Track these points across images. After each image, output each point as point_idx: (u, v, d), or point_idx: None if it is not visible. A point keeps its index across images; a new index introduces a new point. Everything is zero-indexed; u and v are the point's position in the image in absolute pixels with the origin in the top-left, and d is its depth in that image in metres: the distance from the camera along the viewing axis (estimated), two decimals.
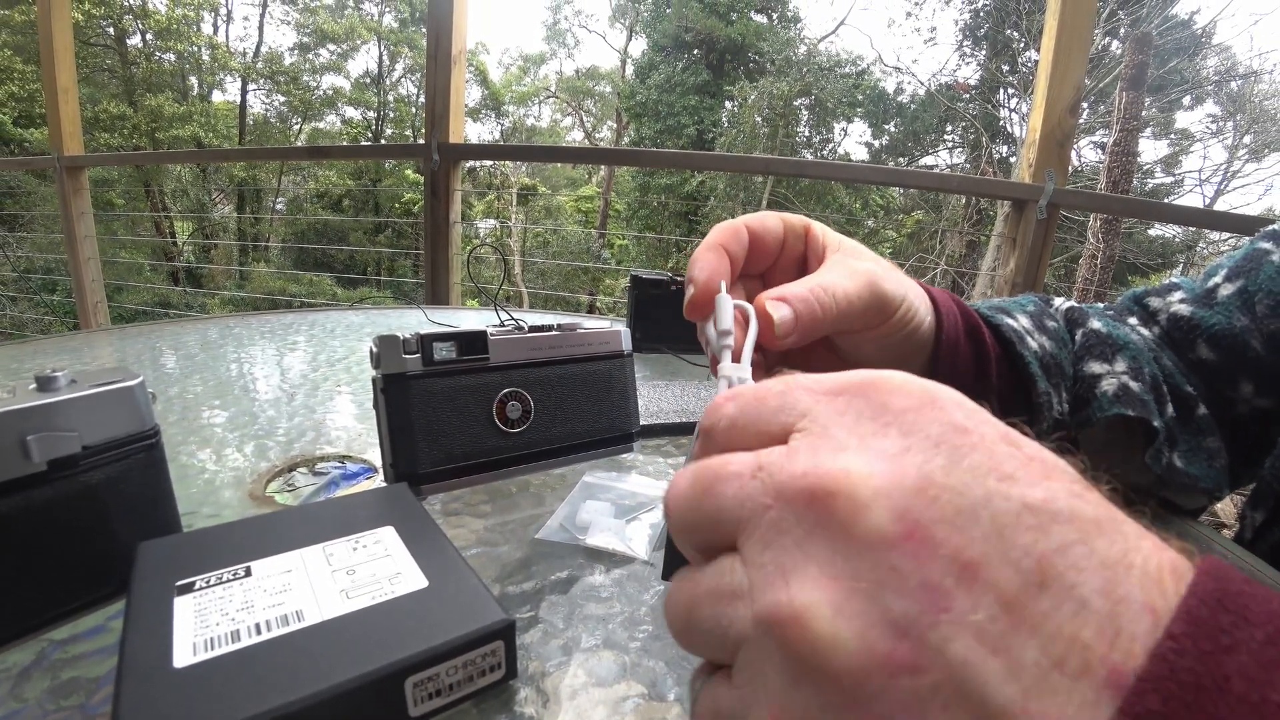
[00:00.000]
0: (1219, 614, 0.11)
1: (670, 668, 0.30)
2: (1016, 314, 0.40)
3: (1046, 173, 1.55)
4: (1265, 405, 0.42)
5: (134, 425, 0.31)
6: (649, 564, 0.38)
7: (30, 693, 0.27)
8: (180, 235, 11.02)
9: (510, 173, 11.48)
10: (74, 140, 2.33)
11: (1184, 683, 0.10)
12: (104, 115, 9.15)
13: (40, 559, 0.28)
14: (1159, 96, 8.74)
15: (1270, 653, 0.11)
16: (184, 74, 11.11)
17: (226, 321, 0.93)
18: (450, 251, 1.94)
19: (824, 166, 2.47)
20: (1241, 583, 0.12)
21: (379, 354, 0.39)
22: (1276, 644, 0.11)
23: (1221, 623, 0.11)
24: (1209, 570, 0.12)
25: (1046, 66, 1.55)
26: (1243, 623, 0.11)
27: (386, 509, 0.35)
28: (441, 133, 1.85)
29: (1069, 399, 0.39)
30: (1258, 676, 0.10)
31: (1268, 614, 0.11)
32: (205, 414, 0.58)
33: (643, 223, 11.58)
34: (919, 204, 9.90)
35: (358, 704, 0.24)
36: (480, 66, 13.68)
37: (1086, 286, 4.84)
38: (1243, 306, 0.42)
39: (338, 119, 13.21)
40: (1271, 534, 0.40)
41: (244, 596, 0.27)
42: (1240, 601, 0.11)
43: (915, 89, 11.10)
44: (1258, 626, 0.11)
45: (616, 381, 0.47)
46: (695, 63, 11.42)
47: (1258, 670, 0.10)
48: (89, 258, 2.42)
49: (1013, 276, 1.65)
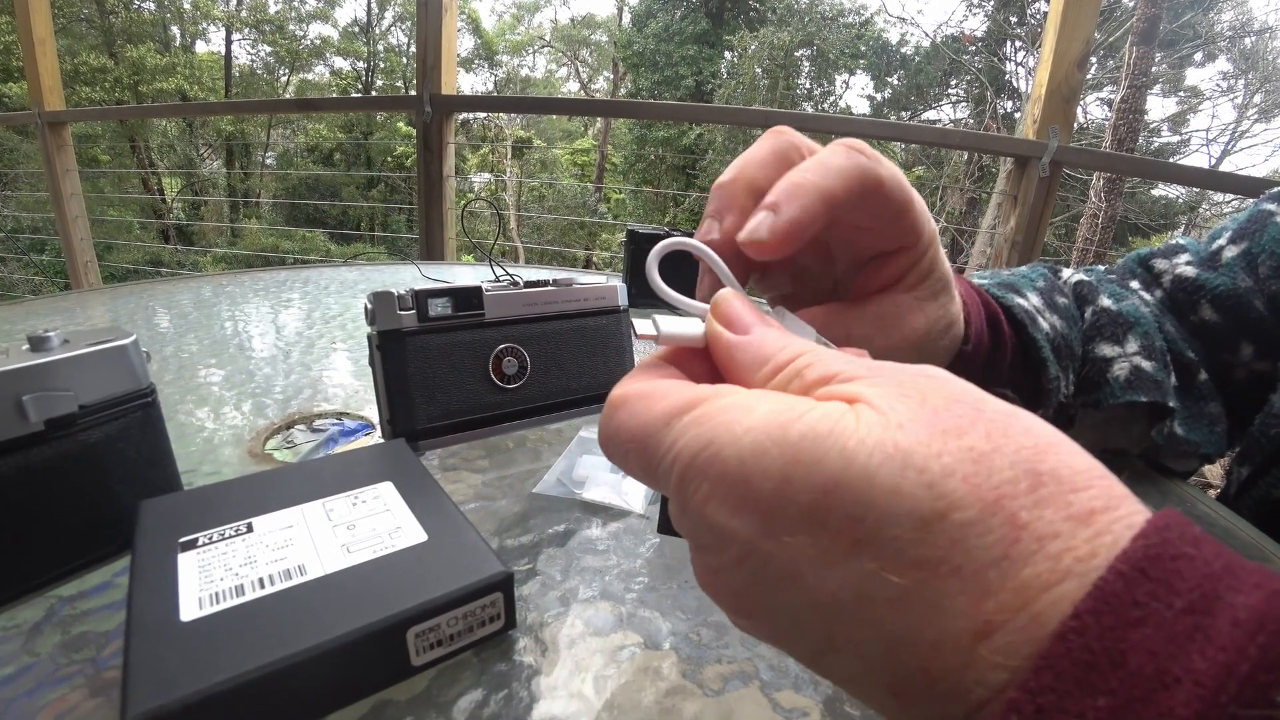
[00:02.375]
0: (1137, 585, 0.11)
1: (665, 618, 0.31)
2: (1027, 291, 0.39)
3: (1051, 129, 1.52)
4: (1263, 368, 0.42)
5: (129, 384, 0.31)
6: (644, 517, 0.38)
7: (42, 648, 0.27)
8: (169, 192, 10.81)
9: (504, 125, 11.23)
10: (54, 95, 2.26)
11: (1077, 660, 0.11)
12: (84, 68, 8.85)
13: (41, 518, 0.29)
14: (1170, 52, 8.50)
15: (1184, 622, 0.11)
16: (165, 23, 10.71)
17: (219, 279, 0.92)
18: (444, 206, 1.91)
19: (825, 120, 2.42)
20: (1185, 544, 0.11)
21: (374, 310, 0.39)
22: (1195, 612, 0.11)
23: (1136, 594, 0.11)
24: (1146, 534, 0.12)
25: (1056, 18, 1.50)
26: (1164, 591, 0.11)
27: (385, 465, 0.35)
28: (433, 84, 1.80)
29: (1075, 380, 0.39)
30: (1160, 649, 0.10)
31: (1199, 578, 0.11)
32: (201, 372, 0.58)
33: (640, 176, 11.39)
34: (920, 159, 9.73)
35: (361, 654, 0.24)
36: (472, 14, 13.24)
37: (1086, 246, 4.80)
38: (1246, 268, 0.42)
39: (326, 70, 12.83)
40: (1256, 489, 0.41)
41: (246, 552, 0.28)
42: (1172, 567, 0.11)
43: (920, 40, 10.80)
44: (1180, 595, 0.11)
45: (613, 337, 0.47)
46: (694, 10, 11.05)
47: (1162, 642, 0.10)
48: (76, 216, 2.38)
49: (1013, 235, 1.63)
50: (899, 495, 0.13)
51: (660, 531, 0.31)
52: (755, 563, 0.15)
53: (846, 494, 0.13)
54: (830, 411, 0.14)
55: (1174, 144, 9.81)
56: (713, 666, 0.28)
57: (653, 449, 0.16)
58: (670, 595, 0.32)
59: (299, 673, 0.23)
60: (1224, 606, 0.11)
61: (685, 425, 0.16)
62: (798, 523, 0.13)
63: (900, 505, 0.12)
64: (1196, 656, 0.10)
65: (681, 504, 0.16)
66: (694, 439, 0.15)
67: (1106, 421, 0.41)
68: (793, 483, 0.13)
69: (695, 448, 0.15)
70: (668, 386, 0.17)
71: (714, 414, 0.15)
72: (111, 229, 6.40)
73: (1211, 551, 0.12)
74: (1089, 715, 0.10)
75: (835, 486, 0.13)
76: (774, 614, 0.15)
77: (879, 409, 0.14)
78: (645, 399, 0.17)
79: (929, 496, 0.12)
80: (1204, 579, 0.11)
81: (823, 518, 0.13)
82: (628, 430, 0.17)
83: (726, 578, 0.16)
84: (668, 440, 0.16)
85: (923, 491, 0.12)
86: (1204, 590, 0.11)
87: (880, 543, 0.13)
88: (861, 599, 0.13)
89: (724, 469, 0.14)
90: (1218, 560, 0.11)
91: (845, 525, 0.13)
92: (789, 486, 0.13)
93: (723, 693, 0.27)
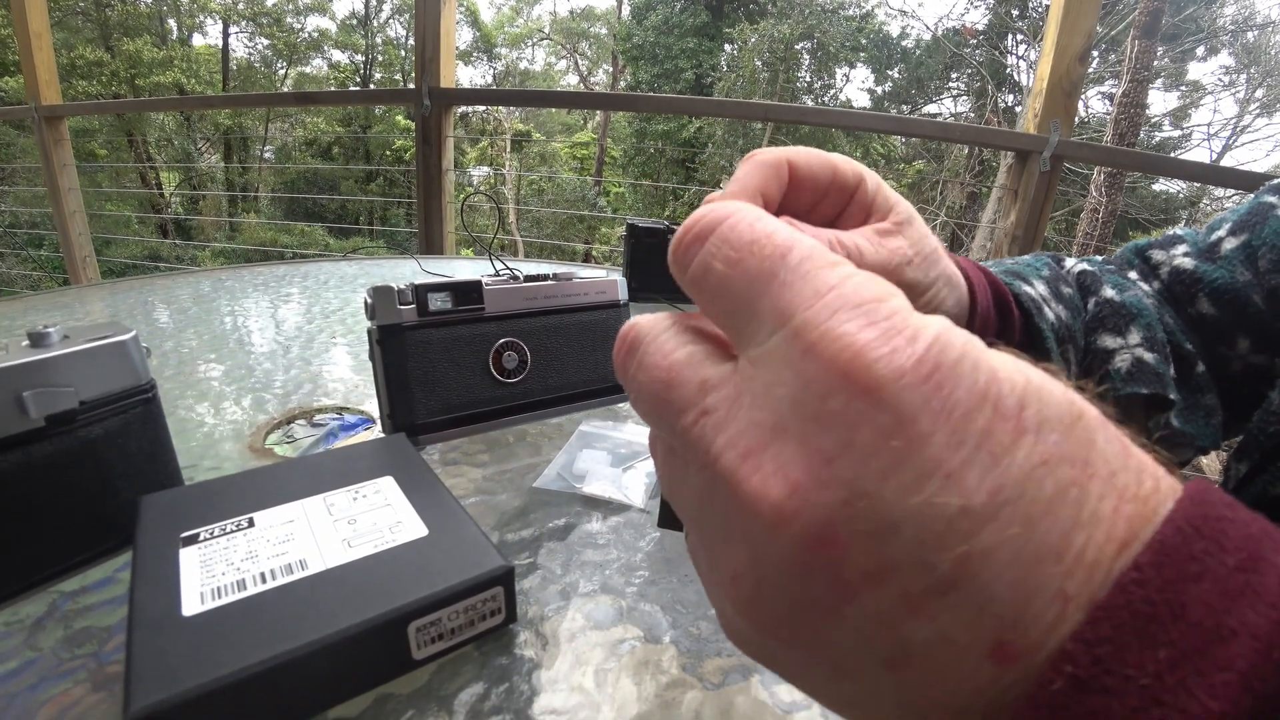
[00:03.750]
0: (1193, 541, 0.11)
1: (665, 612, 0.31)
2: (1033, 280, 0.39)
3: (1052, 123, 1.51)
4: (1260, 361, 0.42)
5: (129, 380, 0.31)
6: (645, 511, 0.38)
7: (45, 642, 0.27)
8: (167, 186, 10.78)
9: (504, 118, 11.19)
10: (51, 88, 2.25)
11: (1137, 611, 0.11)
12: (80, 61, 8.81)
13: (43, 514, 0.29)
14: (1172, 46, 8.46)
15: (1238, 579, 0.11)
16: (161, 16, 10.67)
17: (218, 274, 0.92)
18: (444, 200, 1.91)
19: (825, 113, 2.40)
20: (1224, 507, 0.12)
21: (374, 305, 0.39)
22: (1246, 569, 0.11)
23: (1194, 550, 0.11)
24: (1191, 496, 0.12)
25: (1057, 12, 1.50)
26: (1216, 549, 0.11)
27: (385, 459, 0.35)
28: (432, 77, 1.79)
29: (1078, 370, 0.39)
30: (1217, 604, 0.11)
31: (1244, 538, 0.11)
32: (201, 368, 0.58)
33: (639, 170, 11.36)
34: (921, 153, 9.71)
35: (363, 648, 0.24)
36: (471, 7, 13.17)
37: (1087, 241, 4.80)
38: (1246, 261, 0.42)
39: (324, 63, 12.77)
40: (1254, 485, 0.41)
41: (248, 547, 0.28)
42: (1219, 527, 0.11)
43: (920, 33, 10.76)
44: (1230, 553, 0.11)
45: (613, 331, 0.47)
46: (694, 3, 11.00)
47: (1218, 597, 0.11)
48: (74, 211, 2.37)
49: (1013, 229, 1.63)
50: (1050, 394, 0.13)
51: (661, 526, 0.31)
52: (898, 450, 0.12)
53: (1013, 382, 0.12)
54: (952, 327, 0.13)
55: (1175, 139, 9.78)
56: (712, 660, 0.28)
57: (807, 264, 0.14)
58: (670, 589, 0.32)
59: (301, 667, 0.23)
60: (1269, 566, 0.11)
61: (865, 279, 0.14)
62: (975, 399, 0.12)
63: (1053, 400, 0.12)
64: (1249, 611, 0.11)
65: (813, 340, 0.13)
66: (875, 289, 0.13)
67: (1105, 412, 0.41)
68: (970, 358, 0.12)
69: (877, 293, 0.13)
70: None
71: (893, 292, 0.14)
72: (109, 224, 6.38)
73: (1247, 515, 0.12)
74: (1149, 667, 0.10)
75: (1005, 375, 0.12)
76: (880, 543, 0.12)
77: None
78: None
79: (1066, 400, 0.13)
80: (1247, 539, 0.11)
81: (997, 398, 0.12)
82: (774, 227, 0.15)
83: (845, 466, 0.12)
84: (832, 276, 0.14)
85: (1062, 395, 0.13)
86: (1249, 550, 0.11)
87: (1044, 432, 0.12)
88: (1023, 498, 0.12)
89: (907, 325, 0.13)
90: (1254, 524, 0.12)
91: (1015, 410, 0.12)
92: (967, 361, 0.12)
93: (722, 686, 0.27)
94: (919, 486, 0.12)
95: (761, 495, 0.13)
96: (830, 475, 0.12)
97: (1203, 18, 8.50)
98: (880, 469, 0.12)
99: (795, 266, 0.14)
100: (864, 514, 0.12)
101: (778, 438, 0.13)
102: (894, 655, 0.12)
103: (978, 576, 0.11)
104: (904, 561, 0.12)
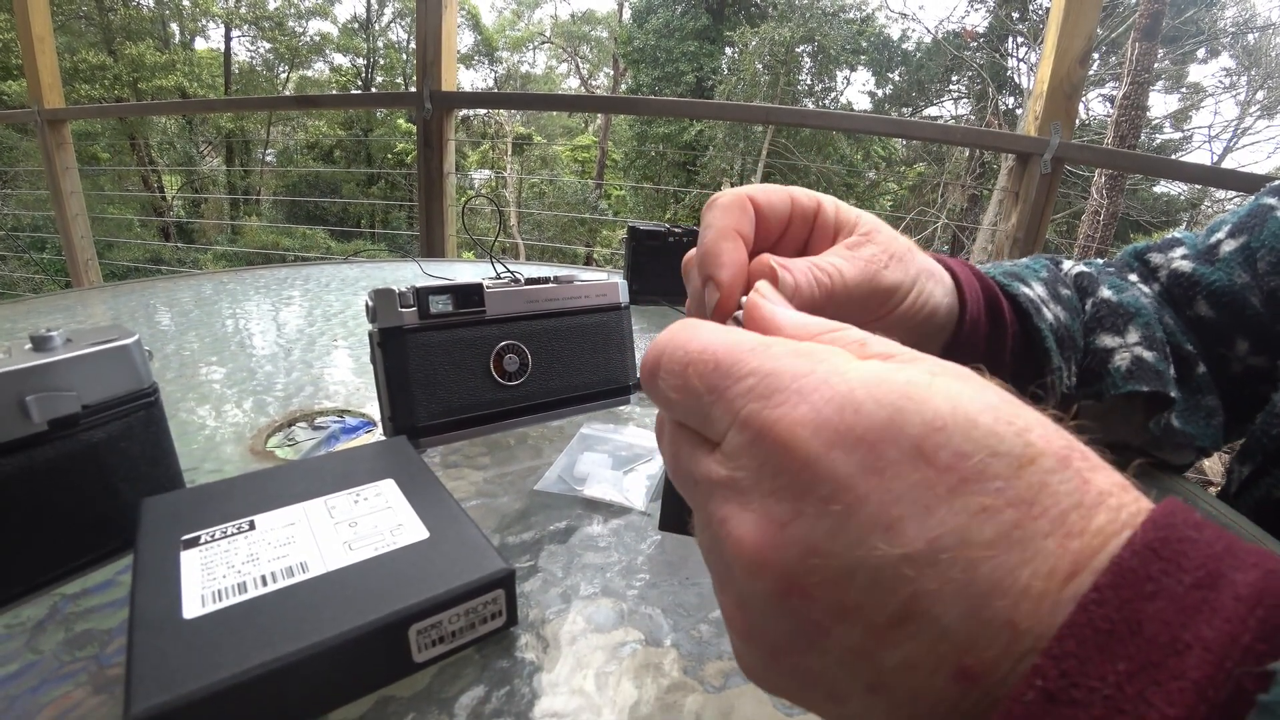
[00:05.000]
0: (1150, 563, 0.12)
1: (667, 615, 0.31)
2: (1031, 281, 0.39)
3: (1053, 126, 1.51)
4: (1259, 363, 0.42)
5: (132, 383, 0.31)
6: (646, 514, 0.38)
7: (46, 645, 0.27)
8: (169, 190, 10.80)
9: (505, 121, 11.21)
10: (54, 92, 2.26)
11: (1098, 629, 0.12)
12: (83, 65, 8.84)
13: (44, 517, 0.29)
14: (1172, 48, 8.46)
15: (1194, 596, 0.12)
16: (164, 20, 10.70)
17: (220, 277, 0.92)
18: (445, 203, 1.91)
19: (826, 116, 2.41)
20: (1188, 528, 0.13)
21: (375, 308, 0.39)
22: (1204, 586, 0.12)
23: (1150, 571, 0.12)
24: (1154, 520, 0.13)
25: (1058, 14, 1.50)
26: (1174, 569, 0.12)
27: (386, 462, 0.35)
28: (433, 80, 1.80)
29: (1077, 371, 0.39)
30: (1173, 619, 0.11)
31: (1205, 558, 0.12)
32: (203, 370, 0.58)
33: (640, 172, 11.37)
34: (921, 156, 9.72)
35: (363, 651, 0.24)
36: (472, 10, 13.21)
37: (1088, 243, 4.79)
38: (1244, 263, 0.42)
39: (326, 66, 12.81)
40: (1257, 488, 0.41)
41: (249, 549, 0.28)
42: (1179, 548, 0.12)
43: (921, 36, 10.77)
44: (1188, 572, 0.12)
45: (614, 334, 0.47)
46: (695, 6, 11.01)
47: (1174, 613, 0.11)
48: (76, 214, 2.38)
49: (1014, 232, 1.63)
50: (1000, 438, 0.14)
51: (662, 528, 0.31)
52: (840, 513, 0.14)
53: (955, 432, 0.14)
54: (922, 369, 0.15)
55: (1176, 140, 9.78)
56: (714, 663, 0.28)
57: (730, 366, 0.16)
58: (671, 592, 0.32)
59: (301, 670, 0.23)
60: (1227, 583, 0.12)
61: (782, 351, 0.16)
62: (906, 456, 0.14)
63: (1001, 446, 0.14)
64: (1204, 627, 0.11)
65: (757, 429, 0.15)
66: (796, 364, 0.16)
67: (1106, 413, 0.41)
68: (905, 414, 0.14)
69: (798, 369, 0.16)
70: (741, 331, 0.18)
71: (817, 349, 0.16)
72: (112, 227, 6.40)
73: (1213, 535, 0.13)
74: (1110, 679, 0.11)
75: (944, 424, 0.14)
76: (839, 588, 0.14)
77: (954, 378, 0.15)
78: (723, 328, 0.18)
79: (1020, 443, 0.14)
80: (1208, 559, 0.12)
81: (932, 452, 0.14)
82: (701, 342, 0.17)
83: (798, 529, 0.14)
84: (754, 362, 0.16)
85: (1015, 438, 0.14)
86: (1209, 569, 0.12)
87: (985, 480, 0.13)
88: (963, 544, 0.13)
89: (834, 392, 0.15)
90: (1219, 542, 0.12)
91: (954, 461, 0.13)
92: (901, 417, 0.14)
93: (723, 689, 0.27)
94: (862, 541, 0.13)
95: (738, 551, 0.15)
96: (785, 538, 0.14)
97: (1203, 20, 8.50)
98: (827, 530, 0.14)
99: (729, 370, 0.17)
100: (819, 567, 0.14)
101: (747, 508, 0.15)
102: (873, 680, 0.14)
103: (929, 611, 0.13)
104: (863, 602, 0.13)
